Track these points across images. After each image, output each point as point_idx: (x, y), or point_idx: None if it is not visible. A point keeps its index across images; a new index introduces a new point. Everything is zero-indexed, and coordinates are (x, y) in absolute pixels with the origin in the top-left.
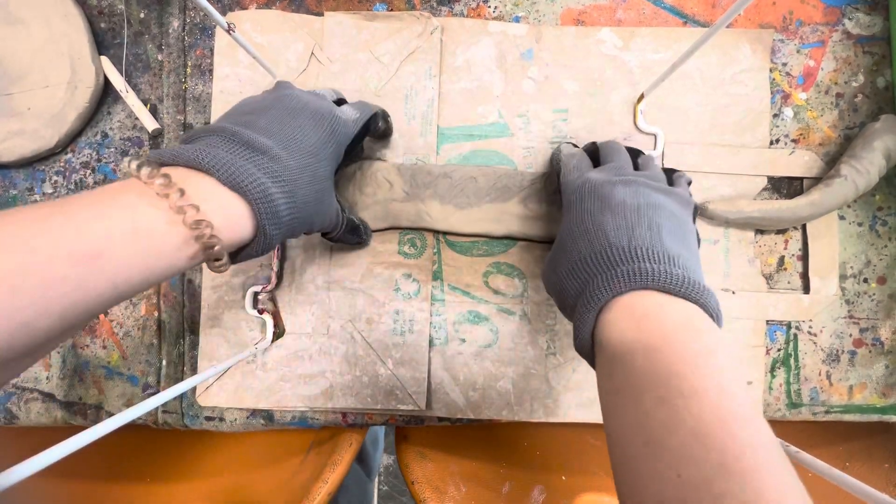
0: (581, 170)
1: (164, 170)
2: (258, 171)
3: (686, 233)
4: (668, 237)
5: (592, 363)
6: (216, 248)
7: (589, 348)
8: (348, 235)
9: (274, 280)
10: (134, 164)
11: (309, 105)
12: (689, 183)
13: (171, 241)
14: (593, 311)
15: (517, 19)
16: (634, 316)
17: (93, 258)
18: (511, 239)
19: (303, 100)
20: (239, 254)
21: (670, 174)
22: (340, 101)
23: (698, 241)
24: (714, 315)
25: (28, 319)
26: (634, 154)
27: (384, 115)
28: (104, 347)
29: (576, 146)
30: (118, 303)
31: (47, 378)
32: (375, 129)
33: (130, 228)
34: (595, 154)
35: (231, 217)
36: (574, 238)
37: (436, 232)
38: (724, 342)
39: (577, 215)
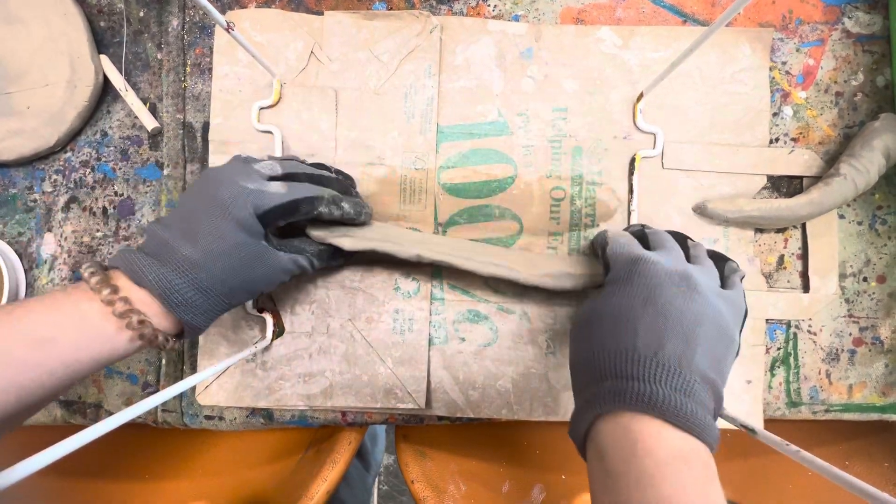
0: (633, 246)
1: (112, 275)
2: (163, 267)
3: (726, 347)
4: (702, 356)
5: (582, 453)
6: (147, 331)
7: (581, 441)
8: (331, 262)
9: None
10: (86, 273)
11: (204, 187)
12: (742, 279)
13: (106, 329)
14: (593, 413)
15: (517, 18)
16: (630, 437)
17: (48, 341)
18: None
19: (203, 183)
20: (181, 336)
21: (721, 264)
22: (292, 177)
23: (738, 351)
24: (710, 446)
25: None
26: (681, 239)
27: (333, 201)
28: None
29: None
30: (71, 382)
31: None
32: (315, 212)
33: (77, 317)
34: (643, 238)
35: (153, 308)
36: (608, 320)
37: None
38: (713, 472)
39: (619, 297)
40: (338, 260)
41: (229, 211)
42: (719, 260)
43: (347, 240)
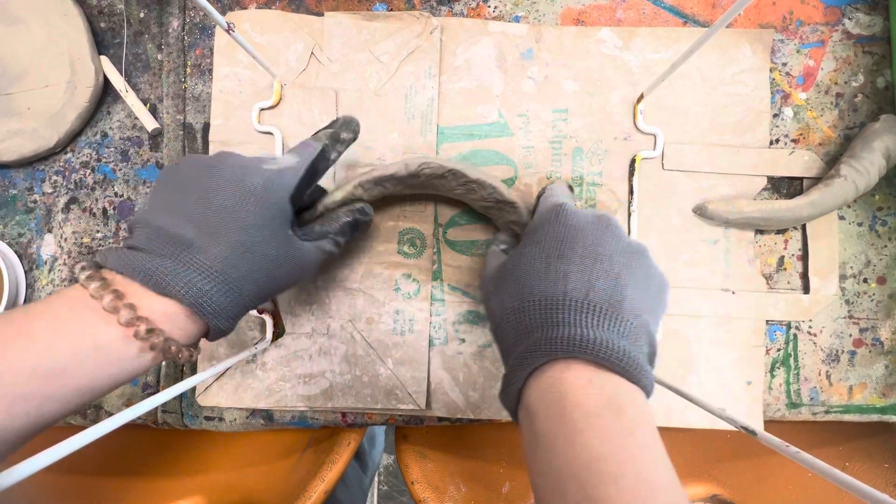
0: (563, 197)
1: (109, 277)
2: (186, 270)
3: (658, 287)
4: (633, 296)
5: (514, 418)
6: (172, 348)
7: (514, 406)
8: (354, 233)
9: None
10: (83, 276)
11: (223, 175)
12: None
13: (128, 353)
14: (525, 371)
15: (517, 19)
16: (559, 390)
17: (57, 375)
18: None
19: (215, 171)
20: (205, 336)
21: None
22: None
23: (666, 285)
24: (645, 390)
25: None
26: None
27: (335, 139)
28: None
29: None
30: (87, 404)
31: None
32: (331, 161)
33: (92, 346)
34: None
35: (176, 319)
36: (533, 271)
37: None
38: (647, 416)
39: (543, 243)
40: (360, 229)
41: (263, 199)
42: None
43: (355, 187)
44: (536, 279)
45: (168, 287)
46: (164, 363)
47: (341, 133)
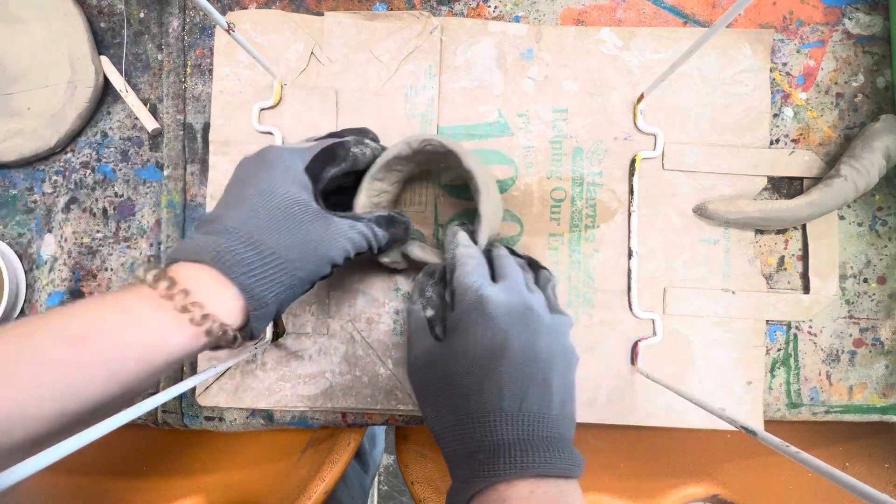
0: (480, 278)
1: (169, 271)
2: (212, 236)
3: (573, 368)
4: (557, 391)
5: None
6: (227, 333)
7: None
8: (391, 235)
9: None
10: (141, 272)
11: (249, 163)
12: (554, 288)
13: (160, 323)
14: (469, 493)
15: (517, 19)
16: None
17: (80, 338)
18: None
19: (247, 161)
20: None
21: (536, 273)
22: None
23: (577, 359)
24: (578, 477)
25: (23, 404)
26: (535, 268)
27: (361, 136)
28: None
29: (471, 235)
30: (123, 391)
31: None
32: (350, 151)
33: (120, 311)
34: (491, 258)
35: (215, 291)
36: (466, 378)
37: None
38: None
39: (472, 352)
40: (397, 228)
41: (275, 165)
42: (534, 269)
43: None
44: (471, 394)
45: (198, 251)
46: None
47: (366, 136)
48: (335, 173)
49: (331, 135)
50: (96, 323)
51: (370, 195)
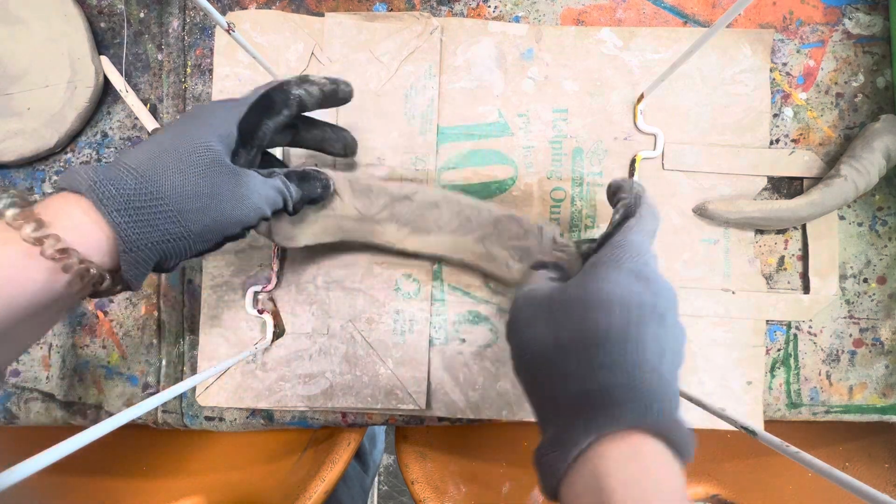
0: (654, 232)
1: (39, 204)
2: (97, 170)
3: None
4: (668, 364)
5: (552, 490)
6: (91, 271)
7: (559, 477)
8: (304, 191)
9: (274, 280)
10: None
11: (180, 118)
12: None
13: (35, 274)
14: (593, 435)
15: (517, 19)
16: (642, 464)
17: None
18: (466, 266)
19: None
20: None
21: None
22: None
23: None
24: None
25: None
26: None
27: (302, 80)
28: (104, 347)
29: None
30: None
31: (47, 378)
32: (290, 97)
33: None
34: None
35: (82, 223)
36: (617, 314)
37: (388, 250)
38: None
39: (632, 302)
40: (312, 184)
41: (198, 114)
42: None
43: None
44: (618, 331)
45: (75, 180)
46: (164, 364)
47: (318, 79)
48: (279, 122)
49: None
50: None
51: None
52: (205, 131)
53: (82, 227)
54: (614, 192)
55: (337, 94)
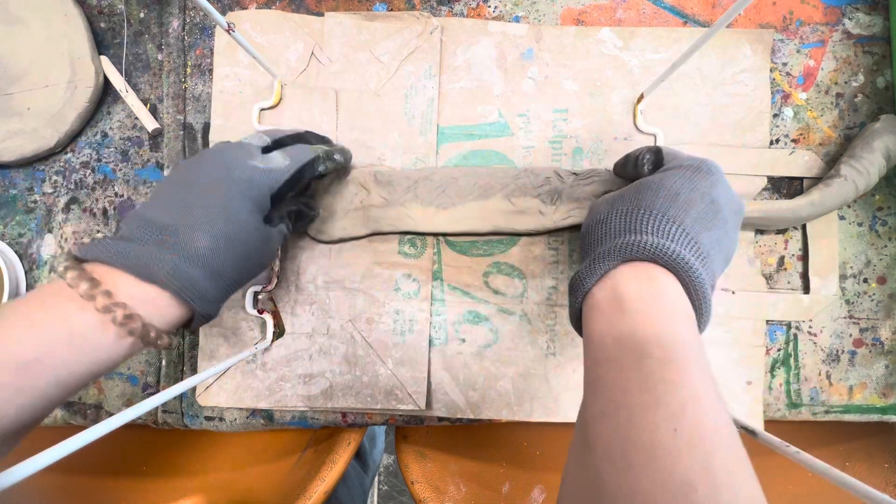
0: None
1: (89, 268)
2: (172, 256)
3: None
4: (707, 241)
5: (576, 314)
6: (151, 334)
7: (580, 301)
8: (296, 229)
9: (274, 280)
10: (61, 268)
11: (208, 169)
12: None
13: (104, 340)
14: (618, 259)
15: (517, 19)
16: (655, 286)
17: (28, 365)
18: (498, 234)
19: (203, 166)
20: (188, 326)
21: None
22: (279, 144)
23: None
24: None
25: None
26: None
27: (328, 156)
28: None
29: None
30: (71, 394)
31: None
32: (316, 172)
33: (66, 333)
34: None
35: (159, 305)
36: (672, 186)
37: (422, 234)
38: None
39: (691, 179)
40: (304, 221)
41: (246, 193)
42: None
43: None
44: (667, 196)
45: (152, 272)
46: (164, 364)
47: (335, 154)
48: (298, 190)
49: (294, 136)
50: (44, 348)
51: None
52: (247, 209)
53: (158, 306)
54: (623, 164)
55: (347, 165)
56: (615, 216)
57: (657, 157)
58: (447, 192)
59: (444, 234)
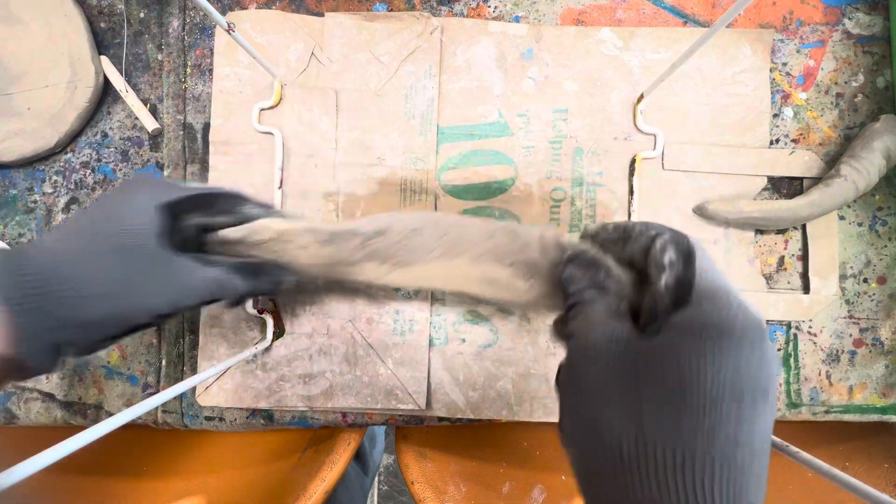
0: (743, 307)
1: None
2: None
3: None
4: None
5: None
6: None
7: None
8: (254, 288)
9: None
10: None
11: (96, 203)
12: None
13: None
14: None
15: (517, 19)
16: None
17: None
18: (468, 299)
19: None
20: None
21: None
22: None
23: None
24: None
25: None
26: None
27: (260, 204)
28: None
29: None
30: None
31: (47, 378)
32: (238, 211)
33: None
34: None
35: None
36: (703, 399)
37: (373, 289)
38: None
39: (739, 379)
40: (266, 282)
41: (125, 191)
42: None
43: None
44: (706, 419)
45: None
46: (164, 364)
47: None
48: (207, 223)
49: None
50: None
51: (277, 231)
52: (131, 211)
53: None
54: (623, 237)
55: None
56: (660, 470)
57: (686, 276)
58: (407, 246)
59: (406, 291)
